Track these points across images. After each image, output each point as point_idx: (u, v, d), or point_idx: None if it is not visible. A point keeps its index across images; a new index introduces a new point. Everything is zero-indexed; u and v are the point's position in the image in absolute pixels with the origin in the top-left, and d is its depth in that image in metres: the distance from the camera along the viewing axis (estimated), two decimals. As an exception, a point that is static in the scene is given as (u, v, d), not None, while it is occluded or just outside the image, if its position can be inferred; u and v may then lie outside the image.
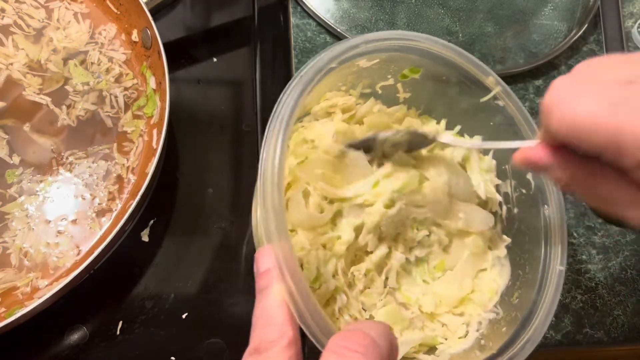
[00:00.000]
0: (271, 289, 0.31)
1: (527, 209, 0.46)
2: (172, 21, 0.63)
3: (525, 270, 0.44)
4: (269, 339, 0.29)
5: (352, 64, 0.43)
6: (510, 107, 0.45)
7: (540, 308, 0.40)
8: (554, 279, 0.41)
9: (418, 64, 0.46)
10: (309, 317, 0.31)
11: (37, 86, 0.54)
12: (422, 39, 0.44)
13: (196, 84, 0.61)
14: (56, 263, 0.47)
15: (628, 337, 0.55)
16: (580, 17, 0.70)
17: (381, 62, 0.44)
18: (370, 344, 0.26)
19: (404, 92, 0.49)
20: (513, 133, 0.45)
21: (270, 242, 0.32)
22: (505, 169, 0.48)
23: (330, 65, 0.39)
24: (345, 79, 0.46)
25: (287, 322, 0.30)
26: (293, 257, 0.31)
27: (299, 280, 0.31)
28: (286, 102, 0.36)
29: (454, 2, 0.71)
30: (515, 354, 0.38)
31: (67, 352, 0.46)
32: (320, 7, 0.66)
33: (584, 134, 0.28)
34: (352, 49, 0.40)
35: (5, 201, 0.49)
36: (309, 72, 0.38)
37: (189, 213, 0.54)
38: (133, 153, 0.52)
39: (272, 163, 0.34)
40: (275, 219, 0.32)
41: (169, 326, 0.49)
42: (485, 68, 0.45)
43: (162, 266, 0.51)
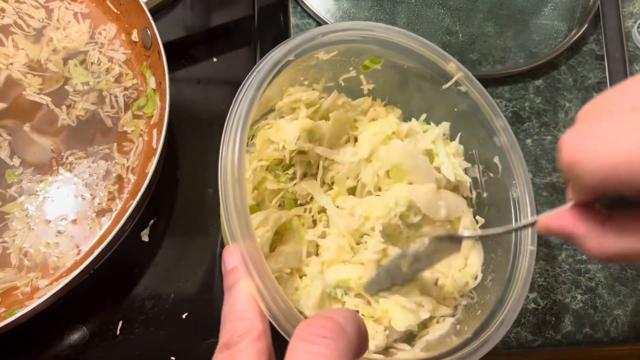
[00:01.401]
0: (238, 285, 0.32)
1: (496, 193, 0.46)
2: (172, 21, 0.63)
3: (498, 253, 0.44)
4: (238, 333, 0.30)
5: (311, 56, 0.42)
6: (473, 92, 0.45)
7: (513, 289, 0.40)
8: (525, 259, 0.41)
9: (378, 54, 0.46)
10: (277, 310, 0.31)
11: (37, 86, 0.54)
12: (379, 28, 0.43)
13: (196, 84, 0.61)
14: (56, 263, 0.47)
15: (628, 337, 0.55)
16: (580, 17, 0.70)
17: (340, 54, 0.44)
18: (337, 328, 0.26)
19: (368, 84, 0.49)
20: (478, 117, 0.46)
21: (234, 241, 0.32)
22: (472, 153, 0.48)
23: (288, 58, 0.39)
24: (307, 72, 0.46)
25: (256, 316, 0.31)
26: (258, 254, 0.32)
27: (265, 276, 0.31)
28: (243, 99, 0.36)
29: (454, 2, 0.71)
30: (490, 335, 0.38)
31: (67, 352, 0.46)
32: (320, 7, 0.66)
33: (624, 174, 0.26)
34: (309, 41, 0.40)
35: (5, 201, 0.49)
36: (265, 66, 0.37)
37: (189, 213, 0.54)
38: (133, 153, 0.52)
39: (231, 160, 0.34)
40: (237, 216, 0.32)
41: (169, 326, 0.49)
42: (446, 54, 0.45)
43: (162, 266, 0.51)
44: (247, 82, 0.37)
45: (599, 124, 0.28)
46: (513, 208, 0.44)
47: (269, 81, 0.37)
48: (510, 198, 0.44)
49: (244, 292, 0.32)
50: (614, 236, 0.30)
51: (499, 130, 0.45)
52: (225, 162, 0.34)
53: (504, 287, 0.41)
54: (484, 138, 0.46)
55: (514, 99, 0.65)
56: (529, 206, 0.43)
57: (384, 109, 0.50)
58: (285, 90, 0.46)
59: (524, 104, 0.65)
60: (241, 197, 0.33)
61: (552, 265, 0.57)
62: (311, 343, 0.25)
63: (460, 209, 0.47)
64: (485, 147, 0.46)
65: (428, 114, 0.50)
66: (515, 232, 0.42)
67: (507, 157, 0.44)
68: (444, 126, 0.49)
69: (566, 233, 0.32)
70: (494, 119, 0.45)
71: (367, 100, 0.50)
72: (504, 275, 0.42)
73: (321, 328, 0.26)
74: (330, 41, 0.42)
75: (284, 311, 0.32)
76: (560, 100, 0.66)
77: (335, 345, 0.25)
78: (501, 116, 0.45)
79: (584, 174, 0.27)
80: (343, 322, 0.26)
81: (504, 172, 0.45)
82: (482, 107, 0.45)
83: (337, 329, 0.26)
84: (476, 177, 0.48)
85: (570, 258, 0.58)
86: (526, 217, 0.43)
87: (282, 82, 0.45)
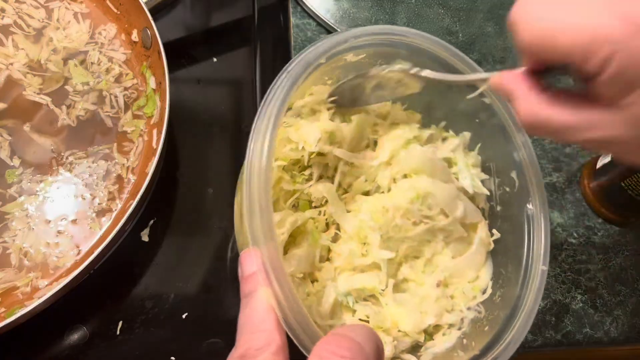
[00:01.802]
0: (257, 293, 0.30)
1: (510, 207, 0.46)
2: (172, 21, 0.63)
3: (508, 269, 0.44)
4: (256, 346, 0.29)
5: (340, 58, 0.42)
6: (497, 105, 0.45)
7: (522, 308, 0.40)
8: (537, 278, 0.41)
9: (405, 59, 0.45)
10: (295, 323, 0.30)
11: (37, 86, 0.54)
12: (412, 34, 0.43)
13: (196, 84, 0.61)
14: (56, 263, 0.47)
15: (628, 337, 0.55)
16: (580, 17, 0.70)
17: (369, 56, 0.44)
18: (356, 348, 0.26)
19: None
20: (499, 130, 0.45)
21: (255, 244, 0.31)
22: (489, 166, 0.48)
23: (319, 61, 0.38)
24: (332, 72, 0.45)
25: (275, 329, 0.29)
26: (279, 260, 0.30)
27: (285, 285, 0.30)
28: (274, 99, 0.35)
29: (454, 2, 0.71)
30: (499, 354, 0.38)
31: (67, 352, 0.46)
32: (320, 7, 0.66)
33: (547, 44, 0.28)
34: (341, 44, 0.40)
35: (5, 201, 0.49)
36: (297, 67, 0.37)
37: (189, 213, 0.54)
38: (133, 153, 0.52)
39: (259, 162, 0.32)
40: (261, 220, 0.31)
41: (169, 326, 0.49)
42: (474, 65, 0.45)
43: (162, 266, 0.51)
44: (278, 82, 0.36)
45: None
46: (527, 224, 0.43)
47: (300, 83, 0.36)
48: (524, 214, 0.43)
49: (262, 301, 0.30)
50: (543, 104, 0.31)
51: (519, 145, 0.44)
52: (252, 162, 0.32)
53: (514, 305, 0.40)
54: (503, 151, 0.45)
55: (514, 99, 0.65)
56: (543, 223, 0.42)
57: (405, 114, 0.50)
58: (308, 89, 0.46)
59: (524, 104, 0.65)
60: (266, 198, 0.31)
61: (552, 265, 0.57)
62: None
63: (478, 215, 0.47)
64: (503, 160, 0.46)
65: (448, 122, 0.49)
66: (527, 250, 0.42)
67: (525, 172, 0.44)
68: (464, 136, 0.49)
69: (507, 91, 0.33)
70: (515, 134, 0.44)
71: (386, 105, 0.49)
72: (513, 293, 0.41)
73: (340, 347, 0.26)
74: (362, 44, 0.41)
75: (303, 324, 0.30)
76: (560, 100, 0.66)
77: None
78: (523, 131, 0.44)
79: (517, 35, 0.29)
80: (362, 340, 0.26)
81: (520, 188, 0.44)
82: (504, 121, 0.45)
83: (357, 348, 0.26)
84: (491, 190, 0.48)
85: (570, 258, 0.58)
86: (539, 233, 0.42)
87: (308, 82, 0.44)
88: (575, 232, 0.59)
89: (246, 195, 0.32)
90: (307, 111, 0.46)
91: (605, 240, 0.59)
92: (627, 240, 0.60)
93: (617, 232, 0.60)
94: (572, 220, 0.60)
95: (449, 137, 0.49)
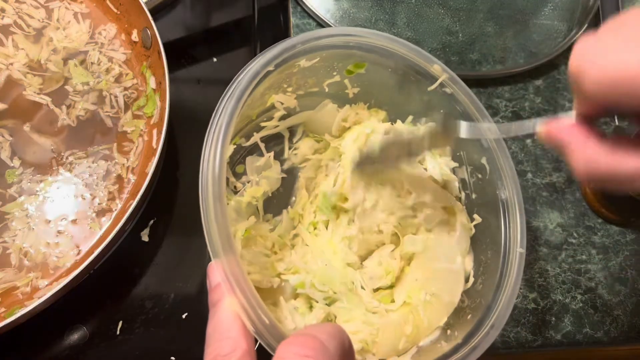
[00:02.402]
0: (222, 303, 0.31)
1: (485, 194, 0.46)
2: (172, 21, 0.63)
3: (488, 255, 0.44)
4: (223, 352, 0.29)
5: (292, 64, 0.42)
6: (459, 94, 0.45)
7: (503, 292, 0.40)
8: (515, 262, 0.41)
9: (361, 59, 0.46)
10: (261, 327, 0.31)
11: (37, 86, 0.54)
12: (361, 33, 0.43)
13: (196, 84, 0.61)
14: (56, 263, 0.47)
15: (628, 337, 0.55)
16: (580, 17, 0.70)
17: (323, 60, 0.44)
18: (319, 347, 0.26)
19: (353, 88, 0.49)
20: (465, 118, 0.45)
21: (216, 257, 0.32)
22: (460, 155, 0.48)
23: (267, 68, 0.38)
24: (289, 79, 0.45)
25: (240, 335, 0.30)
26: (240, 270, 0.31)
27: (248, 293, 0.31)
28: (223, 112, 0.36)
29: (454, 2, 0.71)
30: (480, 341, 0.38)
31: (67, 352, 0.46)
32: (320, 7, 0.66)
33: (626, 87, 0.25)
34: (288, 50, 0.40)
35: (5, 201, 0.49)
36: (244, 78, 0.37)
37: (189, 213, 0.54)
38: (133, 153, 0.52)
39: (212, 176, 0.33)
40: (219, 233, 0.32)
41: (169, 326, 0.49)
42: (430, 57, 0.45)
43: (162, 266, 0.51)
44: (227, 95, 0.37)
45: (609, 35, 0.27)
46: (502, 209, 0.43)
47: (249, 93, 0.37)
48: (499, 199, 0.44)
49: (227, 309, 0.31)
50: (601, 154, 0.29)
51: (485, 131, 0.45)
52: (207, 177, 0.34)
53: (494, 291, 0.41)
54: (471, 139, 0.45)
55: (514, 99, 0.65)
56: (518, 207, 0.43)
57: (368, 112, 0.50)
58: (269, 98, 0.46)
59: (524, 104, 0.65)
60: (222, 212, 0.32)
61: (552, 265, 0.57)
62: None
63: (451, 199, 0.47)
64: (472, 148, 0.46)
65: (415, 116, 0.50)
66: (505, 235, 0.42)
67: (495, 158, 0.44)
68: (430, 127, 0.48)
69: (563, 143, 0.31)
70: (480, 120, 0.44)
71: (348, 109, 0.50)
72: (494, 279, 0.41)
73: (303, 347, 0.25)
74: (311, 48, 0.41)
75: (269, 327, 0.31)
76: (560, 100, 0.66)
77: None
78: (488, 117, 0.45)
79: (588, 82, 0.27)
80: (325, 339, 0.26)
81: (492, 173, 0.44)
82: (468, 109, 0.45)
83: (319, 347, 0.26)
84: (464, 178, 0.48)
85: (570, 258, 0.58)
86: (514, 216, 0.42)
87: (265, 91, 0.44)
88: (575, 232, 0.59)
89: (202, 211, 0.33)
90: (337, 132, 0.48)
91: (605, 240, 0.59)
92: (627, 240, 0.60)
93: (617, 232, 0.60)
94: (572, 220, 0.60)
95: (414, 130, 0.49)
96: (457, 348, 0.38)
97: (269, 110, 0.48)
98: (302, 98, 0.48)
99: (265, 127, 0.48)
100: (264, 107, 0.47)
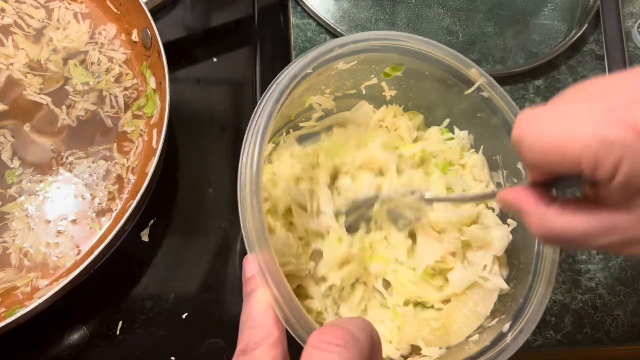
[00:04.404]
0: (256, 293, 0.33)
1: None
2: (172, 21, 0.63)
3: (520, 259, 0.44)
4: (254, 340, 0.31)
5: (330, 67, 0.43)
6: (496, 98, 0.46)
7: (533, 297, 0.41)
8: (547, 268, 0.41)
9: (398, 62, 0.46)
10: (293, 319, 0.33)
11: (37, 86, 0.54)
12: (399, 37, 0.44)
13: (196, 84, 0.61)
14: (56, 263, 0.47)
15: (628, 337, 0.55)
16: (580, 17, 0.70)
17: (360, 62, 0.45)
18: (349, 337, 0.27)
19: (390, 90, 0.50)
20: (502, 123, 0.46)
21: (252, 251, 0.34)
22: (496, 159, 0.48)
23: (306, 71, 0.39)
24: (327, 81, 0.46)
25: (273, 324, 0.32)
26: (274, 264, 0.33)
27: (281, 285, 0.33)
28: (262, 112, 0.37)
29: (454, 2, 0.71)
30: (508, 344, 0.39)
31: (67, 352, 0.46)
32: (320, 7, 0.66)
33: (553, 155, 0.28)
34: (326, 53, 0.41)
35: (5, 201, 0.49)
36: (283, 80, 0.38)
37: (189, 213, 0.54)
38: (133, 153, 0.52)
39: (249, 174, 0.35)
40: (255, 227, 0.34)
41: (169, 326, 0.49)
42: (467, 61, 0.45)
43: (162, 266, 0.51)
44: (266, 96, 0.38)
45: (551, 107, 0.29)
46: None
47: (287, 94, 0.38)
48: None
49: (261, 300, 0.33)
50: (554, 215, 0.31)
51: None
52: (245, 174, 0.35)
53: (525, 295, 0.41)
54: (507, 144, 0.46)
55: (514, 99, 0.65)
56: None
57: (405, 116, 0.50)
58: (307, 99, 0.47)
59: (524, 104, 0.65)
60: (259, 208, 0.34)
61: (552, 265, 0.57)
62: (324, 351, 0.26)
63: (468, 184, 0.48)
64: (508, 153, 0.47)
65: (451, 120, 0.50)
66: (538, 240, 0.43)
67: None
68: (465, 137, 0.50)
69: (516, 207, 0.33)
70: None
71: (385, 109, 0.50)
72: (525, 284, 0.42)
73: (334, 336, 0.27)
74: (349, 52, 0.42)
75: (299, 319, 0.33)
76: (560, 100, 0.66)
77: (347, 354, 0.26)
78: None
79: (524, 150, 0.30)
80: (355, 330, 0.27)
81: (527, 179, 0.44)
82: (505, 113, 0.45)
83: (350, 338, 0.27)
84: (500, 182, 0.48)
85: (570, 258, 0.58)
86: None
87: (303, 92, 0.45)
88: (575, 232, 0.59)
89: (240, 206, 0.35)
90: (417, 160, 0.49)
91: (605, 240, 0.59)
92: (627, 240, 0.60)
93: (617, 232, 0.60)
94: (572, 220, 0.60)
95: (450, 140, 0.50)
96: (485, 350, 0.39)
97: (308, 111, 0.49)
98: (340, 100, 0.49)
99: (303, 127, 0.49)
100: (302, 108, 0.48)
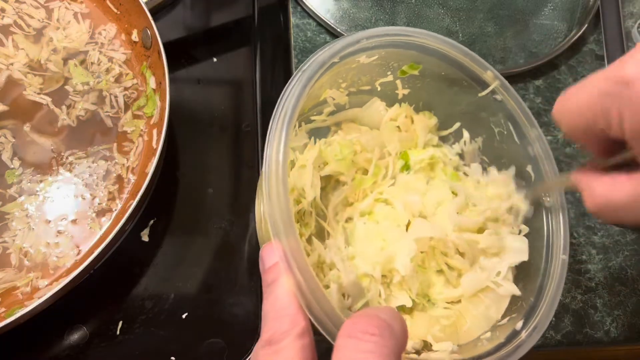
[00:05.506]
0: (279, 281, 0.31)
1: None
2: (172, 21, 0.63)
3: (530, 260, 0.44)
4: (281, 330, 0.30)
5: (353, 60, 0.43)
6: (509, 101, 0.46)
7: (545, 296, 0.41)
8: (558, 267, 0.42)
9: (417, 60, 0.46)
10: (318, 309, 0.31)
11: (37, 86, 0.54)
12: (422, 34, 0.44)
13: (196, 84, 0.61)
14: (56, 263, 0.47)
15: (628, 337, 0.55)
16: (580, 17, 0.70)
17: (380, 58, 0.45)
18: (385, 326, 0.26)
19: (403, 89, 0.49)
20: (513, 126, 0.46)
21: (276, 236, 0.33)
22: (505, 162, 0.48)
23: (333, 60, 0.39)
24: (346, 75, 0.46)
25: (298, 313, 0.31)
26: (300, 250, 0.32)
27: (307, 273, 0.31)
28: (289, 97, 0.36)
29: (454, 2, 0.71)
30: (523, 341, 0.39)
31: (67, 352, 0.46)
32: (320, 7, 0.66)
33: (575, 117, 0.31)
34: (354, 44, 0.41)
35: (5, 201, 0.49)
36: (311, 66, 0.38)
37: (189, 213, 0.54)
38: (133, 153, 0.52)
39: (275, 159, 0.34)
40: (280, 212, 0.33)
41: (169, 326, 0.49)
42: (484, 63, 0.45)
43: (162, 266, 0.51)
44: (293, 82, 0.37)
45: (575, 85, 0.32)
46: (545, 216, 0.44)
47: (315, 81, 0.38)
48: (542, 206, 0.44)
49: (284, 288, 0.31)
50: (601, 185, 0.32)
51: (532, 140, 0.45)
52: (270, 161, 0.34)
53: (537, 294, 0.41)
54: (517, 146, 0.46)
55: (514, 99, 0.65)
56: (562, 213, 0.43)
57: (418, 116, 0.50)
58: (323, 92, 0.47)
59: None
60: (285, 194, 0.33)
61: (552, 265, 0.57)
62: (359, 340, 0.26)
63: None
64: (517, 156, 0.46)
65: (462, 122, 0.50)
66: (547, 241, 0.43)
67: (540, 166, 0.44)
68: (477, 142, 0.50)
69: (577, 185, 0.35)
70: (528, 129, 0.45)
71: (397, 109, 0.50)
72: (535, 282, 0.42)
73: (369, 325, 0.26)
74: (374, 45, 0.42)
75: (324, 308, 0.31)
76: (560, 100, 0.66)
77: (383, 343, 0.25)
78: (536, 126, 0.45)
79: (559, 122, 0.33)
80: (389, 319, 0.27)
81: (537, 180, 0.45)
82: (517, 116, 0.45)
83: (385, 326, 0.26)
84: None
85: (570, 258, 0.58)
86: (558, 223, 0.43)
87: (322, 84, 0.45)
88: (575, 232, 0.59)
89: (265, 191, 0.34)
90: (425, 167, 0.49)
91: (605, 240, 0.59)
92: (627, 240, 0.60)
93: (617, 232, 0.60)
94: (572, 220, 0.60)
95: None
96: (500, 347, 0.39)
97: (320, 105, 0.49)
98: (353, 95, 0.49)
99: (314, 120, 0.49)
100: (316, 101, 0.48)
